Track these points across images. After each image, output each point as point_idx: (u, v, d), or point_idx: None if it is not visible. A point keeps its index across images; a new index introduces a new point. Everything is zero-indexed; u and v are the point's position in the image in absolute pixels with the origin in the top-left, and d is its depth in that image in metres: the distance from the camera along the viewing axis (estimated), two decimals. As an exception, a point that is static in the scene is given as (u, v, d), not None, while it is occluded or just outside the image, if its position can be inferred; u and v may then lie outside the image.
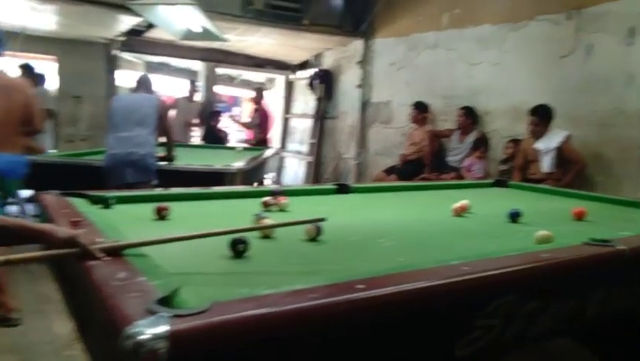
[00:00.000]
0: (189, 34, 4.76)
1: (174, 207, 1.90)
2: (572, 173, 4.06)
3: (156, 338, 0.77)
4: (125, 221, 1.70)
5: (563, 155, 4.11)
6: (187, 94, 7.09)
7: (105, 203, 1.97)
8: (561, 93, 4.45)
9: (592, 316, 1.46)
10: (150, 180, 3.59)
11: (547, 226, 1.97)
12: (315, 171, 7.85)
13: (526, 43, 4.78)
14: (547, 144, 4.16)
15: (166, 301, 0.93)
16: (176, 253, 1.39)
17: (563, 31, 4.44)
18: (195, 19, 4.33)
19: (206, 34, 4.68)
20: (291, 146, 8.62)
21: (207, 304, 0.90)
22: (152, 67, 8.13)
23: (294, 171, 8.47)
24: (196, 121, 7.18)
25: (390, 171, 5.65)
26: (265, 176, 5.72)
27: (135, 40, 6.91)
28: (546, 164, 4.15)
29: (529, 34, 4.76)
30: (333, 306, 0.96)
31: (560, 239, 1.62)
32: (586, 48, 4.27)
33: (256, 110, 7.63)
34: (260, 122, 7.43)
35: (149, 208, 1.85)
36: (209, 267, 1.26)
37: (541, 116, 4.22)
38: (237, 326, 0.85)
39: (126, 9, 4.62)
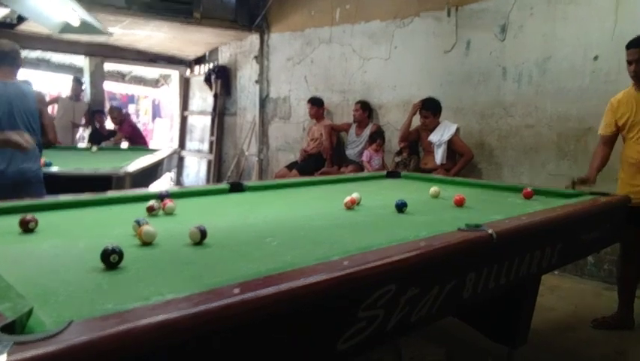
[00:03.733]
0: (67, 28, 4.39)
1: (43, 217, 1.74)
2: (460, 164, 4.33)
3: (-10, 371, 0.68)
4: (-18, 237, 1.52)
5: (452, 147, 4.38)
6: (70, 93, 6.52)
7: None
8: (446, 86, 4.73)
9: (468, 295, 1.56)
10: (42, 194, 2.93)
11: (430, 214, 2.08)
12: (217, 170, 7.67)
13: (413, 39, 5.01)
14: (440, 137, 4.40)
15: (11, 327, 0.83)
16: (37, 269, 1.26)
17: (445, 28, 4.71)
18: (72, 12, 4.00)
19: (87, 28, 4.34)
20: (191, 145, 8.34)
21: (61, 326, 0.81)
22: (29, 63, 7.43)
23: (195, 171, 8.21)
24: (82, 122, 6.67)
25: (291, 166, 5.67)
26: (162, 177, 5.47)
27: (7, 33, 6.25)
28: (439, 156, 4.39)
29: (416, 30, 4.99)
30: (204, 314, 0.91)
31: (440, 226, 1.70)
32: (465, 43, 4.57)
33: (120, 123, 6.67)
34: (130, 135, 6.58)
35: (12, 220, 1.66)
36: (75, 283, 1.15)
37: (431, 109, 4.45)
38: (93, 348, 0.78)
39: (-11, -1, 4.16)
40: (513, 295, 2.12)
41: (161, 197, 2.13)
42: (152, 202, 1.96)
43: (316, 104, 5.67)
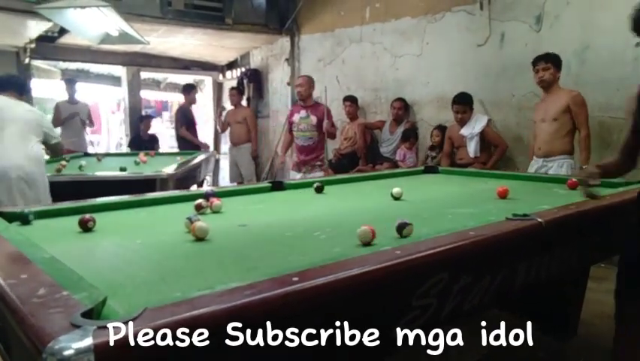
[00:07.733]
0: (106, 39, 4.54)
1: (100, 217, 1.81)
2: (496, 155, 4.28)
3: (80, 352, 0.73)
4: (46, 237, 1.60)
5: (486, 139, 4.33)
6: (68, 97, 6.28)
7: (23, 219, 1.84)
8: (481, 80, 4.67)
9: (520, 284, 1.55)
10: None
11: (475, 207, 2.07)
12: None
13: (445, 34, 4.97)
14: (471, 130, 4.36)
15: (91, 314, 0.88)
16: (102, 264, 1.33)
17: (478, 21, 4.66)
18: (111, 22, 4.14)
19: (125, 38, 4.48)
20: (226, 148, 8.47)
21: (136, 313, 0.86)
22: (69, 74, 7.71)
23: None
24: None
25: (325, 166, 5.69)
26: (202, 179, 5.58)
27: (48, 46, 6.52)
28: (472, 149, 4.35)
29: (447, 25, 4.95)
30: (269, 301, 0.94)
31: (486, 217, 1.70)
32: (499, 36, 4.51)
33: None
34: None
35: (72, 221, 1.75)
36: (139, 276, 1.21)
37: (466, 104, 4.41)
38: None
39: (34, 14, 4.34)
40: (562, 288, 2.09)
41: (207, 196, 2.19)
42: (199, 201, 2.02)
43: (355, 102, 5.68)
